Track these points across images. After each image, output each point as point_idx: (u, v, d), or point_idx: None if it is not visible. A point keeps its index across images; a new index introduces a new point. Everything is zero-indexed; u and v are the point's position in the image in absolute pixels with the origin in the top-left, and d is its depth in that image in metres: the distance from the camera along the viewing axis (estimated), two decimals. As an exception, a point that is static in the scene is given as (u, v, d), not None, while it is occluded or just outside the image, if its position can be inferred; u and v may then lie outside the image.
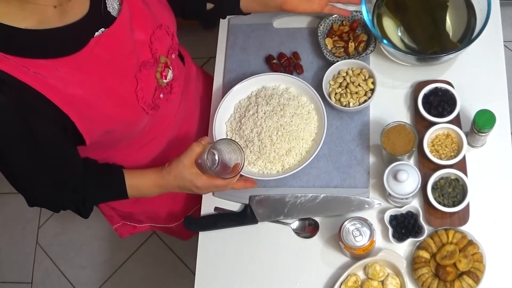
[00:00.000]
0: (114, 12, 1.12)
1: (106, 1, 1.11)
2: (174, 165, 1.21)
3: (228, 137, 1.40)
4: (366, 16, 1.35)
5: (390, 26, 1.41)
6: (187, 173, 1.19)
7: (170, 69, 1.24)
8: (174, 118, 1.37)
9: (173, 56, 1.26)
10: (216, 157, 1.20)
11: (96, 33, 1.08)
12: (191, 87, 1.47)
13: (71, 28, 1.05)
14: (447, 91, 1.34)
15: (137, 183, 1.25)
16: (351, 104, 1.39)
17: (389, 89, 1.42)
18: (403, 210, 1.28)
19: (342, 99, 1.39)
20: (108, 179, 1.24)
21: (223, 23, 1.57)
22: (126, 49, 1.12)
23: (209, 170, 1.17)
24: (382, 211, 1.30)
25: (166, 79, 1.23)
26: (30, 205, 1.21)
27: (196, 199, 1.55)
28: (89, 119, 1.09)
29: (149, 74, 1.18)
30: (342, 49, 1.46)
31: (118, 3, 1.13)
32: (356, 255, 1.25)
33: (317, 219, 1.35)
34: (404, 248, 1.29)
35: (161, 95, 1.23)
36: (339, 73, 1.42)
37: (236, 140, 1.40)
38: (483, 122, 1.22)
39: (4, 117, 1.00)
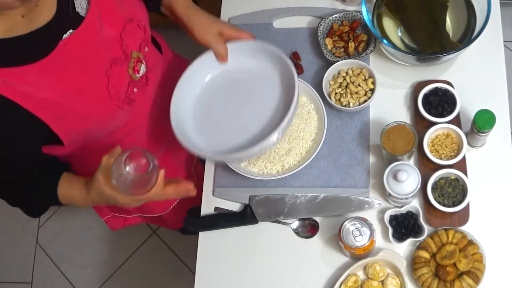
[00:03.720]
0: (82, 12, 1.10)
1: (75, 1, 1.09)
2: (93, 182, 1.09)
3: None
4: (366, 16, 1.35)
5: (390, 26, 1.41)
6: (106, 189, 1.06)
7: (143, 63, 1.24)
8: (152, 108, 1.36)
9: (146, 49, 1.25)
10: (127, 169, 1.00)
11: (65, 35, 1.06)
12: (171, 75, 1.44)
13: (39, 33, 1.03)
14: (447, 91, 1.34)
15: (67, 194, 1.17)
16: (351, 104, 1.39)
17: (389, 89, 1.42)
18: (403, 210, 1.29)
19: (342, 99, 1.39)
20: (42, 184, 1.18)
21: (223, 23, 1.57)
22: (95, 48, 1.11)
23: (118, 187, 1.03)
24: (382, 211, 1.30)
25: (139, 73, 1.23)
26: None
27: None
28: (63, 120, 1.08)
29: (120, 70, 1.17)
30: (342, 49, 1.46)
31: (86, 1, 1.11)
32: (356, 255, 1.25)
33: (317, 219, 1.35)
34: (404, 248, 1.29)
35: (135, 89, 1.23)
36: (339, 73, 1.42)
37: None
38: (483, 122, 1.22)
39: None
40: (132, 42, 1.19)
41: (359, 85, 1.39)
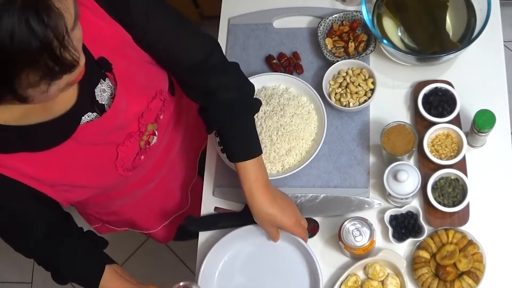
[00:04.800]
0: (102, 100, 1.04)
1: (95, 90, 1.02)
2: None
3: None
4: (366, 16, 1.35)
5: (390, 26, 1.41)
6: None
7: (155, 135, 1.20)
8: (156, 157, 1.32)
9: (161, 116, 1.20)
10: None
11: (83, 118, 1.01)
12: (181, 115, 1.39)
13: (55, 123, 0.97)
14: (447, 91, 1.34)
15: None
16: (351, 104, 1.39)
17: (389, 89, 1.42)
18: (403, 210, 1.29)
19: (342, 99, 1.39)
20: (88, 265, 1.25)
21: (223, 23, 1.57)
22: (113, 129, 1.07)
23: None
24: (382, 211, 1.30)
25: (150, 145, 1.20)
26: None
27: (175, 207, 1.55)
28: (65, 191, 1.07)
29: (132, 144, 1.14)
30: (342, 49, 1.46)
31: (110, 87, 1.04)
32: (356, 255, 1.25)
33: (317, 219, 1.35)
34: (404, 248, 1.29)
35: (142, 157, 1.20)
36: (339, 73, 1.42)
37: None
38: (483, 122, 1.23)
39: None
40: (150, 116, 1.15)
41: (359, 85, 1.39)
